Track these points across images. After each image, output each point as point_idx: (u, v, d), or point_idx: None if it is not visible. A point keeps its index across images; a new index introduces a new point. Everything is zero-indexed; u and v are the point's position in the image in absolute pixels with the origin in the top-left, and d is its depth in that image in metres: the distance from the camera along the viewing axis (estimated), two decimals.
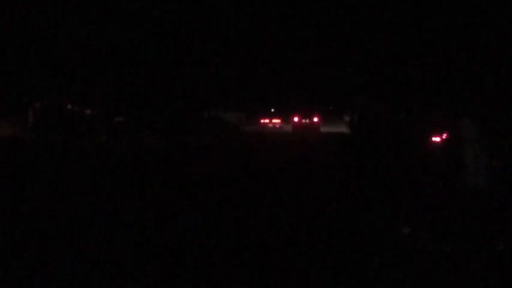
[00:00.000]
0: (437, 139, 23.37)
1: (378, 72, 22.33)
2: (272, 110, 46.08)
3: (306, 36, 35.01)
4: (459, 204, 8.33)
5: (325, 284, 5.77)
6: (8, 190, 10.48)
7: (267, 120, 45.29)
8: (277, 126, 44.81)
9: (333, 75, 38.85)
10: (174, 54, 26.80)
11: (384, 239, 7.39)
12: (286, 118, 42.51)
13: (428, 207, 8.64)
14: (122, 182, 11.93)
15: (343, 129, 37.04)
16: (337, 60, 32.87)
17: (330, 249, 6.92)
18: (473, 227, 7.70)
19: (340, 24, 27.92)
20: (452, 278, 5.99)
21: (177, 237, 7.36)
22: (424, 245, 7.12)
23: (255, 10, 32.10)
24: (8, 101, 21.56)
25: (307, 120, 37.00)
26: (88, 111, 21.98)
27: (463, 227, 7.71)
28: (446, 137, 8.50)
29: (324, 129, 37.66)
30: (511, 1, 16.73)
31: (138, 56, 23.97)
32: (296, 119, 37.03)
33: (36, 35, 20.85)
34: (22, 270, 5.85)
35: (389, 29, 20.60)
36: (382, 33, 21.20)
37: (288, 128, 39.11)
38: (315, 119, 36.96)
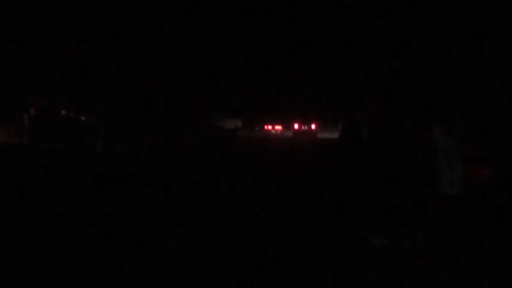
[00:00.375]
0: None
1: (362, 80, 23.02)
2: (268, 117, 49.30)
3: (306, 47, 35.73)
4: (435, 211, 8.40)
5: (322, 283, 5.88)
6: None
7: (270, 127, 50.37)
8: (279, 132, 49.42)
9: (329, 85, 41.17)
10: (172, 59, 27.03)
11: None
12: (287, 125, 46.17)
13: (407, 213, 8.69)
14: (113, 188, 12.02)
15: (337, 135, 39.13)
16: (332, 72, 33.77)
17: (324, 251, 7.00)
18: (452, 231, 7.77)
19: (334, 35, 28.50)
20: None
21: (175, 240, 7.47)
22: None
23: (257, 18, 32.55)
24: (4, 106, 21.78)
25: (306, 127, 40.93)
26: (83, 118, 22.11)
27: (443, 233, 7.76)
28: (420, 146, 8.67)
29: (321, 135, 40.23)
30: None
31: (134, 62, 24.19)
32: (296, 126, 40.73)
33: (32, 40, 21.10)
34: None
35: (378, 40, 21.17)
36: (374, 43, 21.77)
37: (289, 133, 42.85)
38: (313, 126, 40.74)
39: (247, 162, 18.66)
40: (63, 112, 21.46)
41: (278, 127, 49.54)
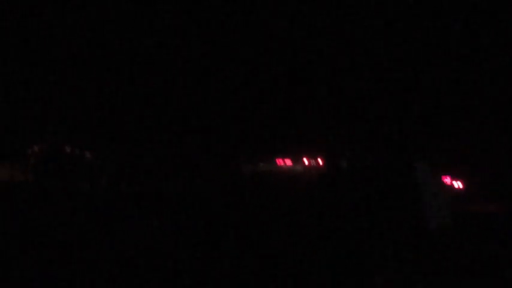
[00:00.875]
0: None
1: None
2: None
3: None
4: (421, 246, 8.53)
5: None
6: None
7: (281, 161, 52.17)
8: (289, 165, 51.45)
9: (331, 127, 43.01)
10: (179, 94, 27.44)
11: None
12: (296, 160, 48.12)
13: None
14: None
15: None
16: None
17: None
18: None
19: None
20: None
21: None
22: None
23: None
24: (7, 144, 22.23)
25: (314, 162, 43.39)
26: (88, 155, 22.50)
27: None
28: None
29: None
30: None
31: (141, 99, 24.63)
32: (306, 161, 43.08)
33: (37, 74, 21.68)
34: None
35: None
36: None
37: (299, 167, 45.53)
38: (320, 161, 42.83)
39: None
40: (68, 149, 21.88)
41: (288, 161, 52.31)
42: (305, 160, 44.09)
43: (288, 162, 51.25)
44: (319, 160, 42.60)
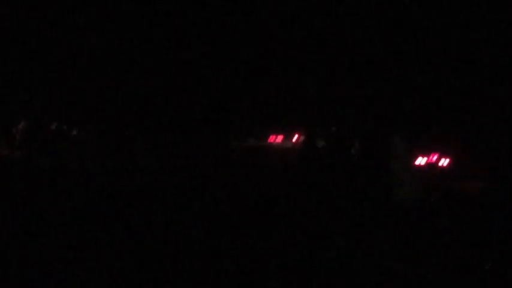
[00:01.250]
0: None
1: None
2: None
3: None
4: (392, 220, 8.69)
5: None
6: None
7: (273, 137, 54.33)
8: (281, 141, 53.36)
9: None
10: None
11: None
12: (287, 136, 49.90)
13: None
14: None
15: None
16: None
17: None
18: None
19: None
20: None
21: None
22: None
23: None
24: None
25: (303, 138, 45.19)
26: (74, 132, 22.52)
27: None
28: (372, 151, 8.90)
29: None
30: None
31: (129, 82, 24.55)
32: (296, 136, 45.17)
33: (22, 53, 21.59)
34: None
35: None
36: None
37: (289, 143, 47.61)
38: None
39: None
40: (54, 126, 21.89)
41: (280, 137, 54.17)
42: (295, 137, 45.61)
43: (279, 138, 52.73)
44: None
